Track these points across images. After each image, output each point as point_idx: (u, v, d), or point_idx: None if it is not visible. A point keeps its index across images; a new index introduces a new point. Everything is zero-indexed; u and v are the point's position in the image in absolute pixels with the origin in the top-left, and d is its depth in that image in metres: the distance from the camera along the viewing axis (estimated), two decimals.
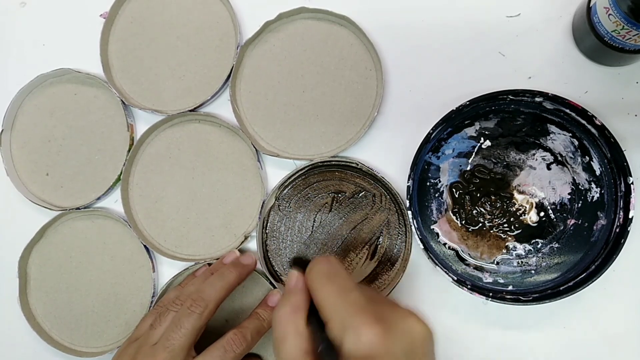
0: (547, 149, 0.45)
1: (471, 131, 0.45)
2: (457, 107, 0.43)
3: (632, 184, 0.41)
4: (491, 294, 0.42)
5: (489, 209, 0.45)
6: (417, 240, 0.43)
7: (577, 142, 0.44)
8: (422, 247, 0.43)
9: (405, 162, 0.44)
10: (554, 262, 0.44)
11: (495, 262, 0.45)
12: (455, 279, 0.42)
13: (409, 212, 0.43)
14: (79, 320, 0.50)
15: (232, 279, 0.43)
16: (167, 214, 0.49)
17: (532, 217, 0.45)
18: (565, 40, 0.46)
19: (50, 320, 0.51)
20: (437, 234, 0.46)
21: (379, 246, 0.46)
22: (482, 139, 0.45)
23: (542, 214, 0.45)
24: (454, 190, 0.46)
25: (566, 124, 0.44)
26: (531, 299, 0.42)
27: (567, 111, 0.43)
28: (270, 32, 0.49)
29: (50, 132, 0.52)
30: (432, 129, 0.43)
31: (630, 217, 0.41)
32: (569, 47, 0.46)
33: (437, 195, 0.46)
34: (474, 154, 0.46)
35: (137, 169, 0.50)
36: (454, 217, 0.46)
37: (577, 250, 0.44)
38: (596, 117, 0.42)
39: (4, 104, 0.52)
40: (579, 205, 0.44)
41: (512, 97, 0.43)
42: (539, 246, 0.45)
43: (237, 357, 0.41)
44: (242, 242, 0.48)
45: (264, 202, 0.47)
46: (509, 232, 0.45)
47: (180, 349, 0.39)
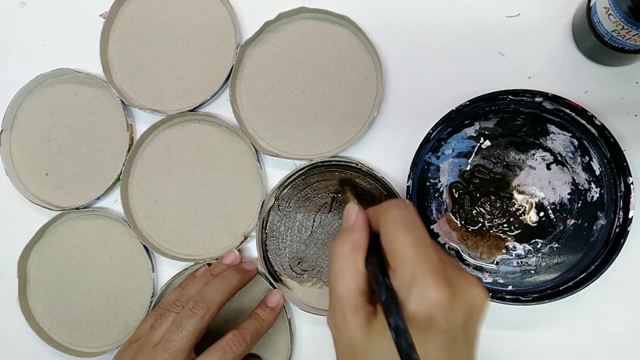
0: (546, 149, 0.45)
1: (471, 131, 0.45)
2: (457, 107, 0.43)
3: (632, 184, 0.41)
4: (491, 294, 0.42)
5: (488, 209, 0.45)
6: None
7: (577, 142, 0.44)
8: None
9: (405, 162, 0.44)
10: (553, 262, 0.44)
11: (495, 262, 0.45)
12: None
13: None
14: (78, 320, 0.50)
15: (235, 282, 0.43)
16: (167, 214, 0.49)
17: (531, 217, 0.45)
18: (565, 40, 0.46)
19: (49, 320, 0.50)
20: (437, 234, 0.46)
21: None
22: (482, 139, 0.45)
23: (541, 214, 0.45)
24: (454, 190, 0.46)
25: (566, 124, 0.44)
26: (531, 299, 0.42)
27: (567, 111, 0.43)
28: (270, 32, 0.49)
29: (49, 132, 0.52)
30: (432, 129, 0.43)
31: (630, 217, 0.41)
32: (569, 47, 0.46)
33: (436, 195, 0.46)
34: (474, 154, 0.46)
35: (136, 169, 0.50)
36: (454, 217, 0.46)
37: (577, 250, 0.44)
38: (596, 117, 0.42)
39: (3, 103, 0.52)
40: (579, 205, 0.44)
41: (512, 97, 0.43)
42: (538, 246, 0.45)
43: (236, 358, 0.41)
44: (242, 242, 0.48)
45: (263, 202, 0.47)
46: (508, 232, 0.45)
47: (180, 351, 0.39)
